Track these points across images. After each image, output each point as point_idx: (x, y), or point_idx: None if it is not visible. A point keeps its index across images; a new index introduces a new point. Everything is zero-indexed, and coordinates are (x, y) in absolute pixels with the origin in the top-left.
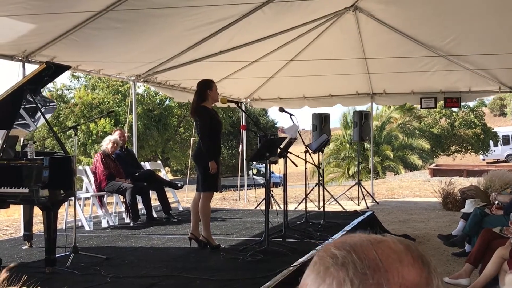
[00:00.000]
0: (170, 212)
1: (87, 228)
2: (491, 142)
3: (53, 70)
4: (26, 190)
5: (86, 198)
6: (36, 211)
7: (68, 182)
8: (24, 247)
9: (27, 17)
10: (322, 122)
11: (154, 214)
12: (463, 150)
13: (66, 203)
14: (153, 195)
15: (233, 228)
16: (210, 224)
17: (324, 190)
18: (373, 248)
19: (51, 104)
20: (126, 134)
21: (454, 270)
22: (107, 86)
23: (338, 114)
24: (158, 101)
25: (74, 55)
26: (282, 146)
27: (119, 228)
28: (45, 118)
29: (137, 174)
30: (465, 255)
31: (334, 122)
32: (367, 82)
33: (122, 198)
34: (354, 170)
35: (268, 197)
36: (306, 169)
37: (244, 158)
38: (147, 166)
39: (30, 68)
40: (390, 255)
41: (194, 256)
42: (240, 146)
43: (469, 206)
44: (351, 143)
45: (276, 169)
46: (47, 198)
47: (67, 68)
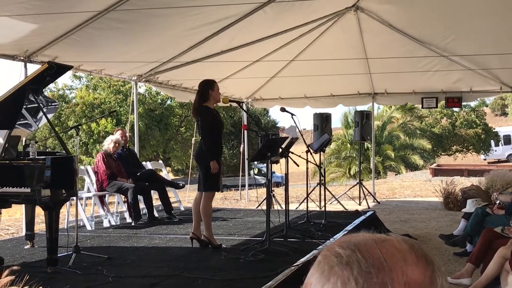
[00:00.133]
0: (172, 211)
1: (89, 227)
2: (492, 142)
3: (55, 70)
4: (28, 190)
5: (88, 198)
6: (38, 211)
7: (70, 181)
8: (26, 247)
9: (29, 17)
10: (323, 122)
11: (156, 214)
12: (464, 150)
13: (68, 203)
14: (154, 195)
15: (234, 227)
16: (211, 223)
17: (325, 190)
18: (377, 247)
19: (53, 104)
20: (127, 134)
21: (456, 270)
22: (109, 86)
23: (339, 114)
24: (159, 101)
25: (75, 55)
26: (283, 146)
27: (121, 227)
28: (47, 118)
29: (138, 174)
30: (466, 255)
31: (335, 122)
32: (369, 82)
33: (124, 198)
34: (355, 170)
35: (269, 196)
36: (307, 169)
37: (245, 158)
38: (149, 165)
39: (32, 68)
40: (395, 254)
41: (196, 255)
42: (241, 146)
43: (470, 206)
44: (352, 143)
45: (277, 169)
46: (49, 197)
47: (69, 68)
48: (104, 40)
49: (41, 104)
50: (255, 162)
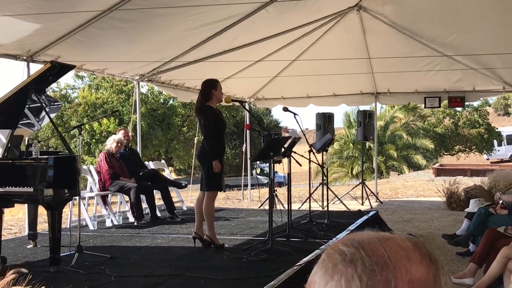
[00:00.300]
0: (174, 211)
1: (91, 227)
2: (495, 142)
3: (57, 70)
4: (30, 189)
5: (91, 198)
6: (40, 210)
7: (72, 181)
8: (28, 246)
9: (31, 16)
10: (326, 121)
11: (158, 214)
12: (467, 149)
13: (70, 203)
14: (157, 195)
15: (237, 227)
16: (214, 223)
17: (328, 189)
18: (381, 245)
19: (56, 103)
20: (130, 134)
21: (458, 270)
22: (111, 86)
23: (341, 114)
24: (161, 100)
25: (78, 55)
26: (286, 145)
27: (123, 227)
28: (49, 117)
29: (141, 174)
30: (469, 255)
31: (337, 122)
32: (371, 82)
33: (126, 198)
34: (357, 170)
35: (272, 196)
36: (310, 168)
37: (248, 157)
38: (151, 165)
39: (35, 67)
40: (398, 252)
41: (198, 255)
42: (243, 145)
43: (473, 206)
44: (355, 143)
45: (280, 168)
46: (52, 197)
47: (72, 67)
48: (106, 39)
49: (43, 103)
50: (258, 162)
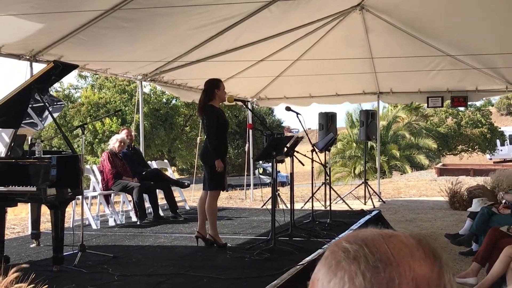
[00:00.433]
0: (177, 211)
1: (94, 226)
2: (498, 142)
3: (60, 69)
4: (33, 189)
5: (93, 197)
6: (43, 210)
7: (75, 180)
8: (31, 246)
9: (35, 16)
10: (328, 121)
11: (161, 213)
12: (470, 149)
13: (73, 202)
14: (160, 194)
15: (239, 227)
16: (216, 222)
17: (330, 189)
18: (384, 242)
19: (59, 103)
20: (133, 133)
21: (461, 269)
22: (114, 86)
23: (343, 114)
24: (164, 100)
25: (81, 54)
26: (288, 145)
27: (126, 226)
28: (52, 117)
29: (144, 173)
30: (472, 254)
31: (339, 122)
32: (374, 81)
33: (129, 197)
34: (360, 169)
35: (274, 196)
36: (312, 168)
37: (250, 157)
38: (154, 165)
39: (38, 67)
40: (402, 249)
41: (201, 254)
42: (246, 145)
43: (476, 205)
44: (357, 142)
45: (282, 168)
46: (55, 196)
47: (75, 67)
48: (109, 39)
49: (46, 103)
50: (260, 162)
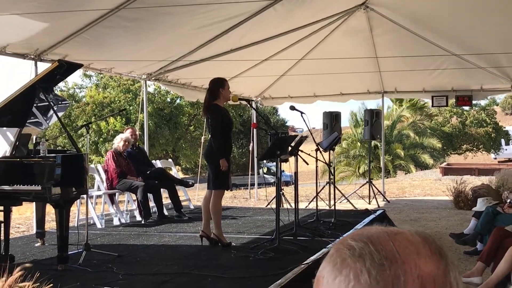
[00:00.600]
0: (181, 210)
1: (99, 225)
2: (503, 141)
3: (65, 68)
4: (38, 188)
5: (98, 196)
6: (48, 209)
7: (80, 180)
8: (36, 245)
9: (39, 15)
10: (333, 120)
11: (165, 212)
12: (475, 149)
13: (78, 201)
14: (164, 193)
15: (244, 226)
16: (221, 222)
17: (335, 188)
18: (390, 239)
19: (63, 102)
20: (137, 133)
21: (466, 269)
22: (118, 85)
23: (348, 114)
24: (168, 99)
25: (86, 54)
26: (293, 144)
27: (131, 226)
28: (57, 116)
29: (148, 172)
30: (477, 254)
31: (344, 122)
32: (378, 80)
33: (134, 196)
34: (364, 169)
35: (279, 195)
36: (317, 167)
37: (254, 156)
38: (159, 164)
39: (42, 66)
40: (408, 247)
41: (206, 254)
42: (250, 144)
43: (481, 205)
44: (362, 142)
45: (286, 167)
46: (60, 195)
47: (79, 66)
48: (113, 38)
49: (51, 102)
50: (265, 161)
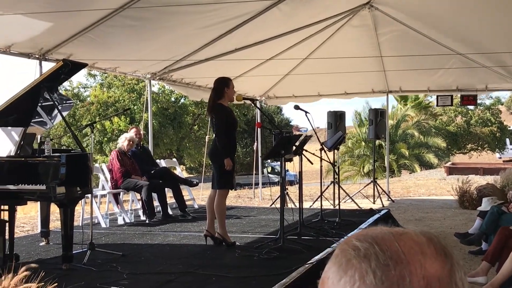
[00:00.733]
0: (186, 209)
1: (104, 225)
2: (508, 140)
3: (70, 68)
4: (43, 187)
5: (102, 196)
6: (53, 208)
7: (84, 179)
8: (41, 244)
9: (44, 15)
10: (337, 120)
11: (170, 212)
12: (479, 148)
13: (82, 200)
14: (168, 193)
15: (248, 225)
16: (225, 221)
17: (339, 188)
18: (395, 240)
19: (68, 101)
20: (142, 132)
21: (471, 269)
22: (123, 85)
23: (352, 113)
24: (173, 99)
25: (90, 53)
26: (297, 143)
27: (135, 225)
28: (62, 115)
29: (152, 172)
30: (481, 253)
31: (348, 121)
32: (383, 80)
33: (138, 196)
34: (369, 168)
35: (283, 194)
36: (321, 167)
37: (259, 156)
38: (163, 163)
39: (47, 66)
40: (413, 247)
41: (210, 253)
42: (255, 144)
43: (486, 204)
44: (366, 141)
45: (291, 167)
46: (64, 195)
47: (84, 65)
48: (118, 38)
49: (56, 102)
50: (269, 160)
